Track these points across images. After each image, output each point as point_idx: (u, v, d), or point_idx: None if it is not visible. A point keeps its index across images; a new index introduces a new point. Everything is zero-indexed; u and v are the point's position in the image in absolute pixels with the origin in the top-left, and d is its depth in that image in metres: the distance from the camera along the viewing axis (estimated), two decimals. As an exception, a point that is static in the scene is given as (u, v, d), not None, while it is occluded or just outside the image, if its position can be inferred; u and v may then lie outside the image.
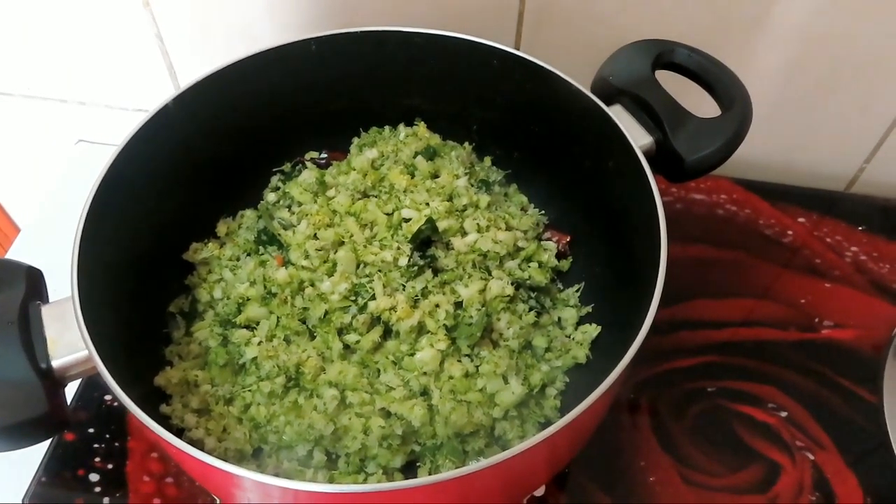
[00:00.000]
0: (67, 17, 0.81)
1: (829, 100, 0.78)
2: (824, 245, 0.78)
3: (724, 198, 0.82)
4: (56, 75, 0.89)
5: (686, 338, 0.71)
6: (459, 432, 0.54)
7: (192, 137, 0.61)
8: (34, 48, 0.86)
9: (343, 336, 0.57)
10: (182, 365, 0.58)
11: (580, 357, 0.59)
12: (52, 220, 0.89)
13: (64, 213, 0.53)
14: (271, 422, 0.53)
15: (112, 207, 0.53)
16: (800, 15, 0.71)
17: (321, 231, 0.60)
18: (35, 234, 0.87)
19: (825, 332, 0.72)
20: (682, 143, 0.55)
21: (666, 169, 0.57)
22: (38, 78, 0.90)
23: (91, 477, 0.62)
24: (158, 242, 0.60)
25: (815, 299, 0.74)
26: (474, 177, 0.66)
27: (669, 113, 0.56)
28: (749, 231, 0.79)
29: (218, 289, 0.61)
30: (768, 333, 0.72)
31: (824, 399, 0.67)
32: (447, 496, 0.44)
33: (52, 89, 0.92)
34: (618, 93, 0.58)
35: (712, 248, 0.78)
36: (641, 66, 0.59)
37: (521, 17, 0.74)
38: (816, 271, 0.76)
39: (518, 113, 0.65)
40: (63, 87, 0.91)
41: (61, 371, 0.45)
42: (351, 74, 0.66)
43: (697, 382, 0.68)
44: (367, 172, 0.64)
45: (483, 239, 0.60)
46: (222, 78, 0.60)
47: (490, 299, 0.57)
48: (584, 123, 0.59)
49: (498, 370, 0.55)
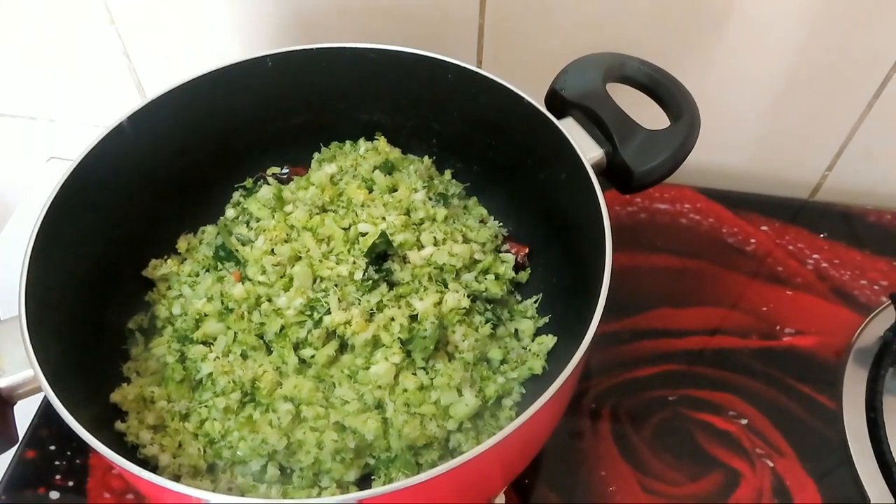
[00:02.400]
0: (35, 34, 0.82)
1: (788, 109, 0.79)
2: (787, 253, 0.79)
3: (687, 207, 0.83)
4: (25, 92, 0.90)
5: (648, 347, 0.72)
6: (413, 445, 0.54)
7: (151, 154, 0.62)
8: (2, 66, 0.86)
9: (299, 350, 0.57)
10: (139, 381, 0.58)
11: (536, 368, 0.59)
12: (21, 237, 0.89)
13: (31, 229, 0.53)
14: (225, 437, 0.54)
15: (65, 226, 0.54)
16: (756, 26, 0.72)
17: (278, 246, 0.60)
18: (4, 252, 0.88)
19: (786, 339, 0.72)
20: (631, 155, 0.56)
21: (616, 180, 0.58)
22: (8, 95, 0.91)
23: (52, 495, 0.62)
24: (117, 259, 0.61)
25: (777, 307, 0.75)
26: (433, 190, 0.66)
27: (619, 125, 0.57)
28: (713, 240, 0.80)
29: (177, 305, 0.61)
30: (730, 342, 0.72)
31: (784, 406, 0.68)
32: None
33: (21, 107, 0.92)
34: (569, 106, 0.59)
35: (676, 257, 0.79)
36: (593, 78, 0.60)
37: (481, 31, 0.75)
38: (779, 279, 0.77)
39: (475, 127, 0.66)
40: (33, 105, 0.92)
41: (9, 390, 0.46)
42: (309, 90, 0.66)
43: (659, 391, 0.69)
44: (326, 187, 0.64)
45: (439, 252, 0.60)
46: (179, 95, 0.61)
47: (445, 312, 0.58)
48: (537, 136, 0.60)
49: (452, 383, 0.55)
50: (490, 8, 0.73)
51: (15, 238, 0.88)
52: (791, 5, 0.70)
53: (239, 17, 0.77)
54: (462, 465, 0.42)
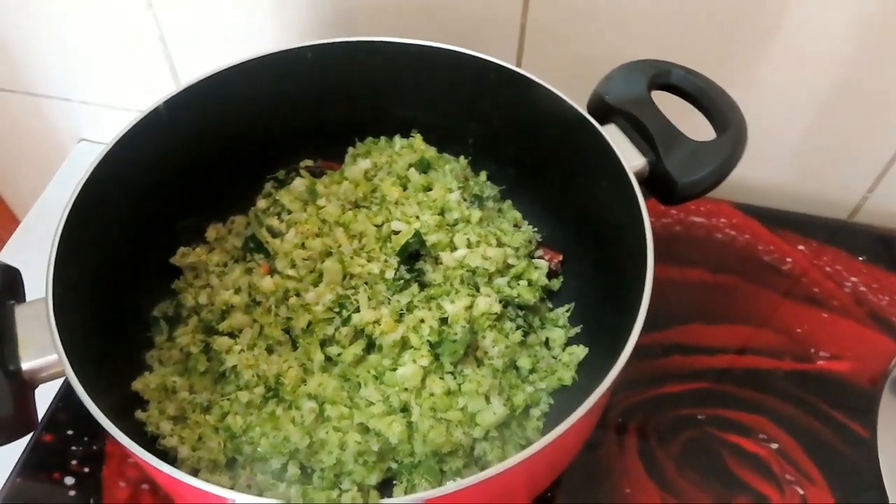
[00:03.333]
0: (71, 15, 0.81)
1: (832, 127, 0.77)
2: (824, 274, 0.77)
3: (723, 221, 0.81)
4: (59, 74, 0.90)
5: (678, 362, 0.70)
6: (437, 451, 0.53)
7: (184, 141, 0.61)
8: (38, 46, 0.86)
9: (325, 348, 0.56)
10: (162, 370, 0.57)
11: (566, 379, 0.58)
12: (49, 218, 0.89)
13: (62, 212, 0.52)
14: (247, 432, 0.53)
15: (96, 209, 0.53)
16: (803, 41, 0.70)
17: (309, 240, 0.59)
18: (32, 232, 0.88)
19: (820, 363, 0.70)
20: (675, 165, 0.54)
21: (658, 191, 0.56)
22: (42, 76, 0.90)
23: (66, 480, 0.61)
24: (144, 245, 0.60)
25: (811, 329, 0.73)
26: (468, 191, 0.65)
27: (663, 134, 0.55)
28: (748, 257, 0.78)
29: (203, 294, 0.60)
30: (762, 362, 0.70)
31: (816, 432, 0.66)
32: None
33: (55, 88, 0.92)
34: (613, 112, 0.58)
35: (709, 273, 0.77)
36: (638, 85, 0.58)
37: (522, 31, 0.74)
38: (815, 300, 0.75)
39: (514, 128, 0.64)
40: (66, 86, 0.91)
41: (30, 373, 0.45)
42: (347, 83, 0.65)
43: (688, 409, 0.67)
44: (360, 183, 0.63)
45: (472, 255, 0.59)
46: (216, 82, 0.60)
47: (476, 316, 0.56)
48: (578, 141, 0.58)
49: (480, 389, 0.54)
50: (533, 8, 0.72)
51: (43, 218, 0.88)
52: (838, 21, 0.68)
53: (277, 5, 0.76)
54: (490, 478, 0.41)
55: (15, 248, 0.86)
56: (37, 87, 0.92)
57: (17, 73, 0.90)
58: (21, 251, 0.85)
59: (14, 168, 1.07)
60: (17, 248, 0.85)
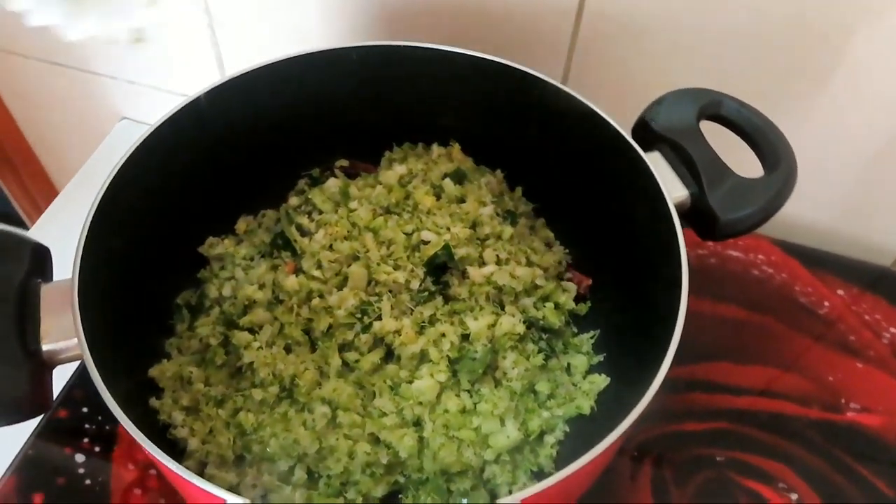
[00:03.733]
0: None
1: (884, 171, 0.74)
2: (861, 322, 0.74)
3: (761, 258, 0.78)
4: (109, 52, 0.91)
5: (701, 400, 0.68)
6: (447, 470, 0.52)
7: (223, 131, 0.61)
8: (90, 23, 0.87)
9: (344, 353, 0.55)
10: (179, 359, 0.57)
11: (584, 408, 0.56)
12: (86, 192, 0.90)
13: (97, 189, 0.52)
14: (258, 431, 0.52)
15: (130, 193, 0.53)
16: (864, 80, 0.68)
17: (338, 242, 0.59)
18: (68, 204, 0.89)
19: (850, 414, 0.68)
20: (719, 200, 0.53)
21: (698, 225, 0.55)
22: (93, 53, 0.91)
23: (77, 457, 0.61)
24: (174, 233, 0.60)
25: (844, 378, 0.70)
26: (501, 206, 0.64)
27: (709, 167, 0.54)
28: (784, 297, 0.76)
29: (228, 286, 0.60)
30: (789, 408, 0.68)
31: (839, 486, 0.63)
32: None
33: (104, 65, 0.93)
34: (658, 139, 0.56)
35: (743, 310, 0.75)
36: (687, 114, 0.56)
37: (572, 47, 0.73)
38: (850, 349, 0.72)
39: (555, 146, 0.63)
40: (115, 65, 0.92)
41: (50, 355, 0.45)
42: (390, 87, 0.65)
43: (707, 449, 0.65)
44: (393, 188, 0.62)
45: (500, 272, 0.58)
46: (259, 76, 0.60)
47: (499, 335, 0.55)
48: (620, 166, 0.57)
49: (496, 411, 0.53)
50: (585, 24, 0.70)
51: (80, 192, 0.89)
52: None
53: (326, 4, 0.76)
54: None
55: (50, 219, 0.87)
56: (87, 63, 0.93)
57: (69, 49, 0.91)
58: (55, 223, 0.86)
59: (59, 140, 1.08)
60: (51, 220, 0.87)
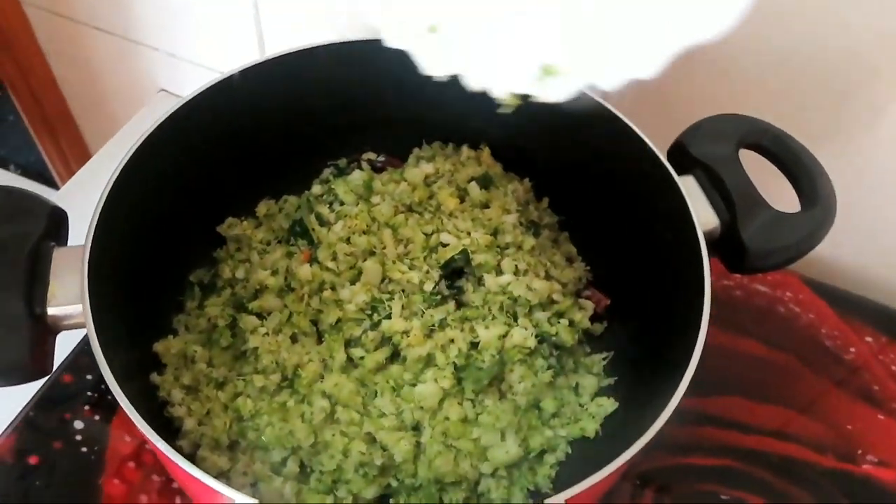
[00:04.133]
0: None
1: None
2: (888, 372, 0.72)
3: (788, 295, 0.76)
4: (154, 23, 0.91)
5: (710, 434, 0.66)
6: (441, 479, 0.51)
7: (252, 113, 0.60)
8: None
9: (349, 349, 0.54)
10: (185, 337, 0.57)
11: (589, 430, 0.55)
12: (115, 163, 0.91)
13: (118, 162, 0.52)
14: (254, 418, 0.52)
15: (153, 165, 0.53)
16: (916, 123, 0.65)
17: (355, 236, 0.58)
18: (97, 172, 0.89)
19: (866, 466, 0.65)
20: (751, 233, 0.51)
21: (727, 255, 0.53)
22: (138, 22, 0.92)
23: (76, 424, 0.61)
24: (194, 210, 0.60)
25: (863, 428, 0.68)
26: (525, 216, 0.62)
27: (744, 198, 0.52)
28: (808, 338, 0.73)
29: (242, 269, 0.60)
30: (802, 453, 0.66)
31: (847, 540, 0.61)
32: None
33: (147, 35, 0.93)
34: (694, 164, 0.54)
35: (764, 346, 0.72)
36: (726, 141, 0.55)
37: (615, 62, 0.71)
38: (872, 399, 0.70)
39: (585, 161, 0.62)
40: (158, 36, 0.93)
41: (54, 319, 0.44)
42: (427, 84, 0.63)
43: (712, 485, 0.63)
44: (417, 186, 0.61)
45: (518, 283, 0.57)
46: (297, 59, 0.59)
47: (508, 347, 0.54)
48: (651, 188, 0.55)
49: (498, 424, 0.52)
50: (630, 40, 0.69)
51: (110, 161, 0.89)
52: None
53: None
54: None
55: (78, 183, 0.87)
56: (131, 31, 0.94)
57: (115, 16, 0.92)
58: (82, 188, 0.86)
59: (98, 106, 1.09)
60: (79, 185, 0.87)
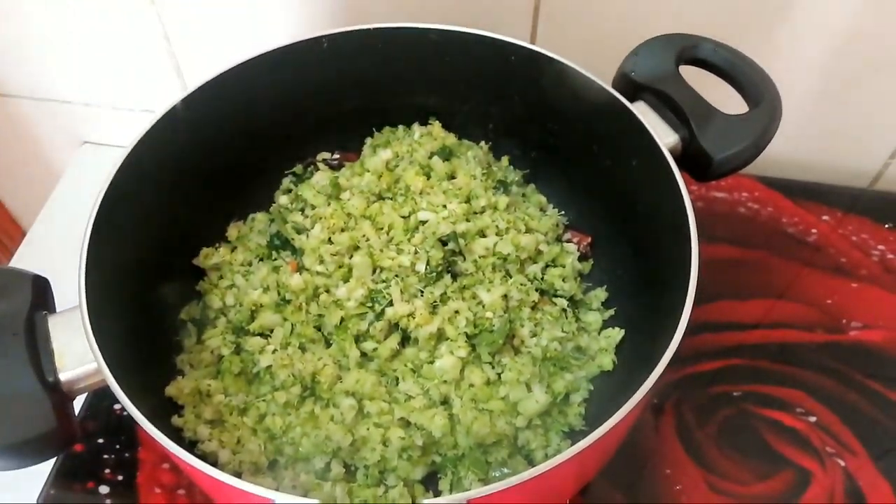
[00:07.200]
0: (69, 15, 0.79)
1: (853, 96, 0.76)
2: (849, 243, 0.76)
3: (745, 196, 0.80)
4: (60, 76, 0.88)
5: (709, 340, 0.69)
6: (482, 442, 0.52)
7: (201, 139, 0.60)
8: (37, 48, 0.84)
9: (360, 343, 0.55)
10: (194, 374, 0.56)
11: (606, 364, 0.57)
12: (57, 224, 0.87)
13: (69, 218, 0.51)
14: (287, 433, 0.52)
15: (120, 213, 0.51)
16: (825, 10, 0.69)
17: (336, 235, 0.58)
18: (40, 239, 0.86)
19: (853, 333, 0.70)
20: (710, 141, 0.53)
21: (692, 168, 0.55)
22: (42, 79, 0.88)
23: (101, 489, 0.60)
24: (168, 247, 0.59)
25: (841, 299, 0.72)
26: (491, 177, 0.64)
27: (695, 110, 0.54)
28: (772, 230, 0.77)
29: (230, 295, 0.59)
30: (794, 335, 0.70)
31: (854, 403, 0.65)
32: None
33: (55, 90, 0.90)
34: (640, 89, 0.56)
35: (734, 248, 0.76)
36: (665, 61, 0.57)
37: (536, 11, 0.72)
38: (842, 270, 0.74)
39: (536, 110, 0.63)
40: (67, 88, 0.89)
41: (69, 384, 0.44)
42: (363, 72, 0.64)
43: (722, 386, 0.67)
44: (382, 174, 0.62)
45: (503, 242, 0.58)
46: (231, 78, 0.59)
47: (513, 306, 0.55)
48: (605, 121, 0.57)
49: (521, 378, 0.53)
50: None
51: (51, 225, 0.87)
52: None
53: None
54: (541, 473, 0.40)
55: (26, 256, 0.84)
56: (36, 90, 0.90)
57: (14, 77, 0.88)
58: (33, 259, 0.83)
59: (16, 174, 1.05)
60: (27, 257, 0.84)
